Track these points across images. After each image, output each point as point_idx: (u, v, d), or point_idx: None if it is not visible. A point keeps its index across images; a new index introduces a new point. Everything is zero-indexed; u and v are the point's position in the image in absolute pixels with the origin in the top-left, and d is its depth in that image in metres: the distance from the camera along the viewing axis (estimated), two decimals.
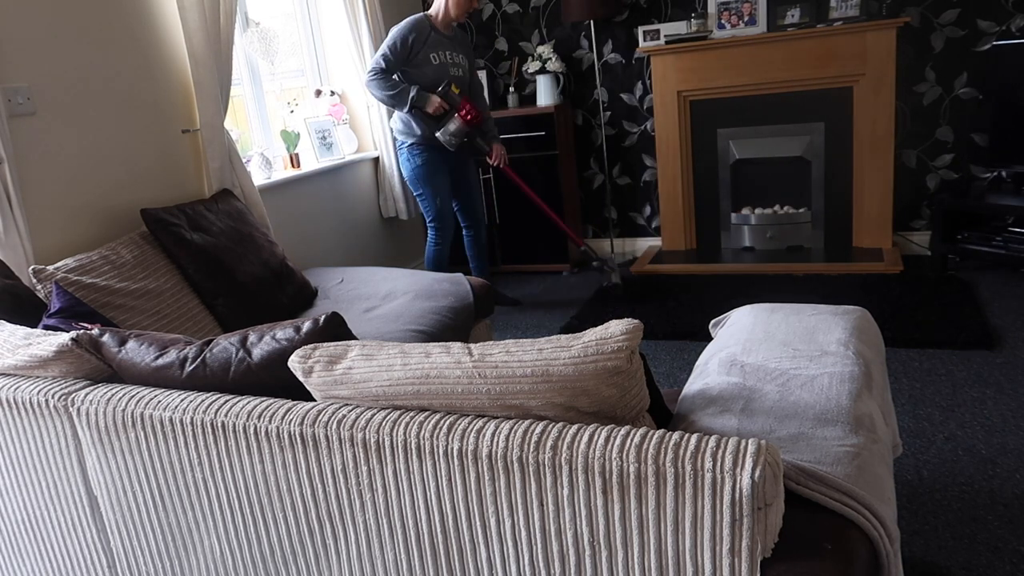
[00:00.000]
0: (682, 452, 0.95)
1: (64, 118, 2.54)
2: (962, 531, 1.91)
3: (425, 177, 3.63)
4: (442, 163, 3.65)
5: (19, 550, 1.63)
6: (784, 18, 4.13)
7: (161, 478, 1.34)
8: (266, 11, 3.86)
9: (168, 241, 2.55)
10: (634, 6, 4.43)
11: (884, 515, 1.12)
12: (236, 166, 3.08)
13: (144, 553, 1.43)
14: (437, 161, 3.63)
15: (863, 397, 1.42)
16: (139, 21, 2.81)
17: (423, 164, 3.61)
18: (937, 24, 3.95)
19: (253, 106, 3.68)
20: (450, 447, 1.07)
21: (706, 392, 1.48)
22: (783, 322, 1.77)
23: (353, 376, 1.18)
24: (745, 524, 0.93)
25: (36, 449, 1.47)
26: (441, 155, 3.64)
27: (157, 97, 2.89)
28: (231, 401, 1.26)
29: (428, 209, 3.69)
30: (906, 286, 3.64)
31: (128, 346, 1.43)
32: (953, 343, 2.98)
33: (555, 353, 1.06)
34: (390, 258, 4.43)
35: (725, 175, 4.44)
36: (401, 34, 3.44)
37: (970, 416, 2.46)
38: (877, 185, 4.10)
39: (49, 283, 2.16)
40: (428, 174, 3.63)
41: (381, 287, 2.80)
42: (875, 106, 4.00)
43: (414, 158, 3.62)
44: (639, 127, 4.64)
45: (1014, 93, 3.64)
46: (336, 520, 1.20)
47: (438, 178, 3.66)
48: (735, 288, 3.88)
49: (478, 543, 1.11)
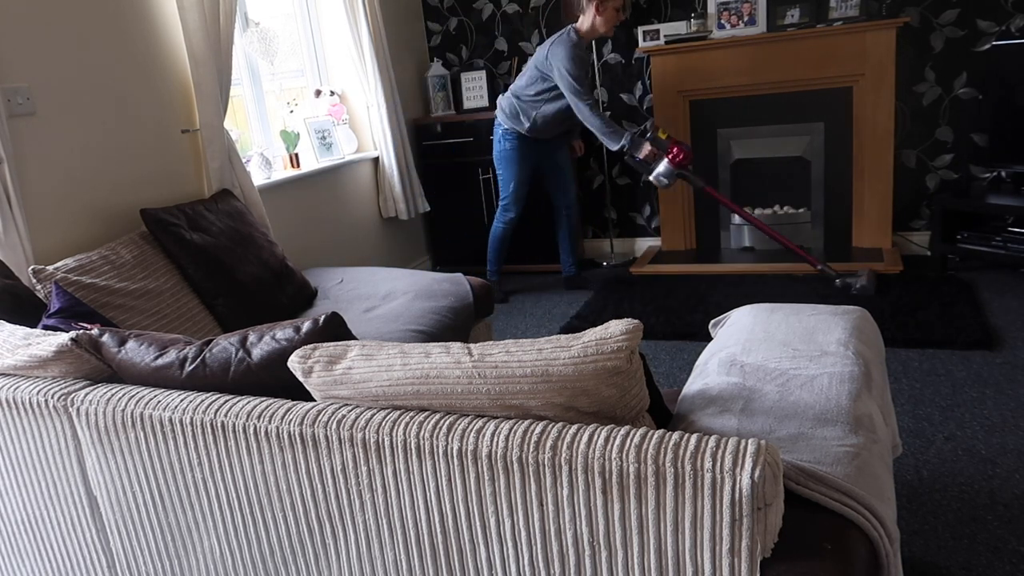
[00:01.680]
0: (682, 452, 0.95)
1: (64, 118, 2.54)
2: (962, 531, 1.91)
3: (510, 160, 3.87)
4: (531, 152, 3.88)
5: (19, 550, 1.63)
6: (784, 18, 4.13)
7: (161, 478, 1.34)
8: (266, 11, 3.86)
9: (168, 241, 2.55)
10: (634, 6, 4.43)
11: (884, 515, 1.12)
12: (236, 166, 3.08)
13: (144, 553, 1.43)
14: (525, 149, 3.85)
15: (863, 397, 1.42)
16: (139, 21, 2.81)
17: (512, 148, 3.85)
18: (937, 24, 3.95)
19: (253, 106, 3.68)
20: (450, 447, 1.07)
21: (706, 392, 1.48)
22: (783, 322, 1.77)
23: (353, 376, 1.18)
24: (745, 524, 0.92)
25: (36, 449, 1.47)
26: (532, 144, 3.85)
27: (157, 97, 2.89)
28: (231, 401, 1.26)
29: (503, 190, 3.97)
30: (906, 286, 3.64)
31: (128, 346, 1.43)
32: (953, 343, 2.98)
33: (555, 353, 1.06)
34: (390, 258, 4.43)
35: (725, 175, 4.44)
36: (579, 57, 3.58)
37: (970, 416, 2.46)
38: (877, 185, 4.10)
39: (49, 283, 2.16)
40: (513, 158, 3.86)
41: (381, 287, 2.80)
42: (875, 106, 4.00)
43: (505, 140, 3.85)
44: (639, 127, 4.63)
45: (1014, 93, 3.64)
46: (336, 520, 1.20)
47: (521, 165, 3.88)
48: (735, 288, 3.88)
49: (478, 543, 1.11)
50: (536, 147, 3.89)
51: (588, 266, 4.71)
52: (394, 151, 4.18)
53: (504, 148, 3.87)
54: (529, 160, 3.89)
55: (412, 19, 4.75)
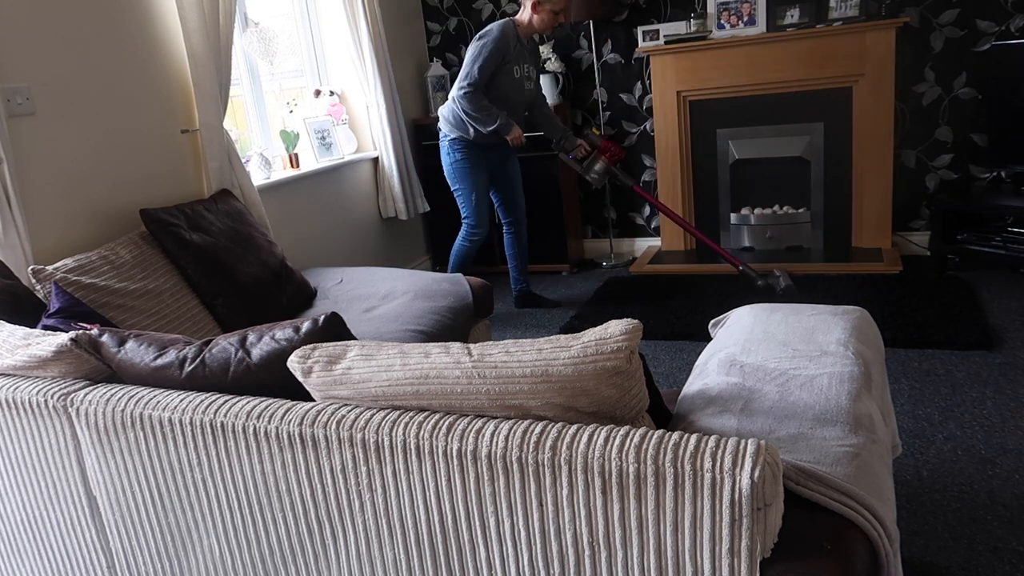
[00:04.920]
0: (681, 452, 0.95)
1: (64, 118, 2.54)
2: (962, 531, 1.91)
3: (463, 172, 3.59)
4: (482, 160, 3.60)
5: (18, 550, 1.62)
6: (783, 18, 4.13)
7: (160, 478, 1.33)
8: (265, 11, 3.86)
9: (167, 241, 2.54)
10: (633, 6, 4.43)
11: (883, 515, 1.12)
12: (235, 166, 3.08)
13: (143, 553, 1.43)
14: (477, 157, 3.58)
15: (862, 397, 1.42)
16: (138, 21, 2.81)
17: (462, 159, 3.57)
18: (936, 24, 3.95)
19: (252, 106, 3.68)
20: (449, 447, 1.07)
21: (705, 392, 1.48)
22: (782, 322, 1.77)
23: (352, 376, 1.18)
24: (744, 524, 0.92)
25: (35, 449, 1.47)
26: (482, 152, 3.59)
27: (156, 97, 2.89)
28: (230, 401, 1.26)
29: (463, 205, 3.65)
30: (905, 286, 3.64)
31: (127, 346, 1.43)
32: (952, 343, 2.98)
33: (554, 353, 1.06)
34: (389, 258, 4.43)
35: (724, 175, 4.44)
36: (496, 47, 3.35)
37: (969, 416, 2.46)
38: (876, 185, 4.10)
39: (48, 283, 2.16)
40: (466, 169, 3.58)
41: (380, 287, 2.79)
42: (874, 106, 4.00)
43: (454, 152, 3.57)
44: (638, 127, 4.64)
45: (1013, 93, 3.64)
46: (336, 520, 1.20)
47: (476, 174, 3.60)
48: (735, 288, 3.88)
49: (477, 543, 1.11)
50: (488, 155, 3.61)
51: (588, 266, 4.71)
52: (394, 151, 4.18)
53: (455, 160, 3.58)
54: (483, 168, 3.61)
55: (412, 19, 4.75)
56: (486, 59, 3.35)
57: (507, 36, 3.38)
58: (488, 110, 3.40)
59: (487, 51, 3.35)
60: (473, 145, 3.55)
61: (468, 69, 3.38)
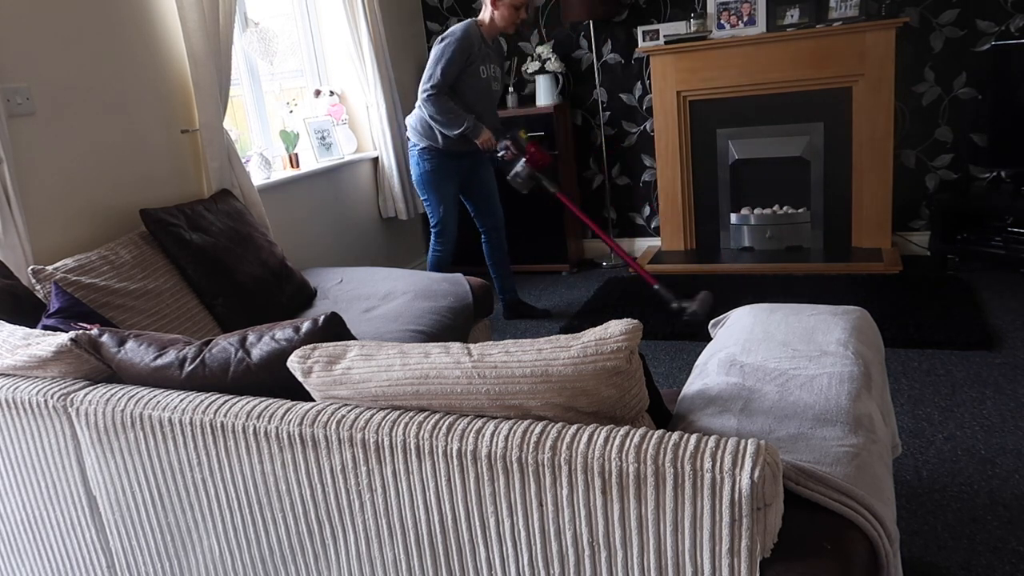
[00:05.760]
0: (681, 452, 0.95)
1: (63, 118, 2.54)
2: (961, 531, 1.91)
3: (432, 183, 3.53)
4: (453, 170, 3.54)
5: (18, 550, 1.62)
6: (783, 18, 4.13)
7: (160, 478, 1.33)
8: (265, 11, 3.86)
9: (167, 241, 2.55)
10: (633, 6, 4.43)
11: (883, 515, 1.12)
12: (235, 166, 3.08)
13: (143, 553, 1.43)
14: (447, 168, 3.51)
15: (862, 397, 1.42)
16: (138, 21, 2.81)
17: (432, 170, 3.50)
18: (936, 24, 3.95)
19: (252, 106, 3.68)
20: (449, 447, 1.07)
21: (705, 392, 1.48)
22: (782, 322, 1.77)
23: (352, 376, 1.18)
24: (744, 524, 0.92)
25: (35, 449, 1.47)
26: (453, 162, 3.52)
27: (156, 97, 2.89)
28: (230, 401, 1.26)
29: (432, 215, 3.59)
30: (905, 286, 3.64)
31: (127, 346, 1.43)
32: (952, 343, 2.98)
33: (554, 353, 1.06)
34: (389, 258, 4.43)
35: (724, 175, 4.44)
36: (460, 46, 3.29)
37: (969, 416, 2.46)
38: (876, 185, 4.10)
39: (48, 283, 2.16)
40: (436, 180, 3.52)
41: (380, 287, 2.80)
42: (874, 106, 4.00)
43: (423, 162, 3.50)
44: (638, 127, 4.64)
45: (1013, 93, 3.64)
46: (335, 520, 1.20)
47: (446, 185, 3.54)
48: (735, 288, 3.88)
49: (477, 543, 1.11)
50: (458, 163, 3.53)
51: (588, 266, 4.71)
52: (393, 151, 4.18)
53: (424, 171, 3.50)
54: (453, 179, 3.54)
55: (412, 19, 4.75)
56: (449, 59, 3.29)
57: (471, 36, 3.33)
58: (454, 112, 3.34)
59: (451, 51, 3.29)
60: (443, 154, 3.47)
61: (431, 71, 3.32)
